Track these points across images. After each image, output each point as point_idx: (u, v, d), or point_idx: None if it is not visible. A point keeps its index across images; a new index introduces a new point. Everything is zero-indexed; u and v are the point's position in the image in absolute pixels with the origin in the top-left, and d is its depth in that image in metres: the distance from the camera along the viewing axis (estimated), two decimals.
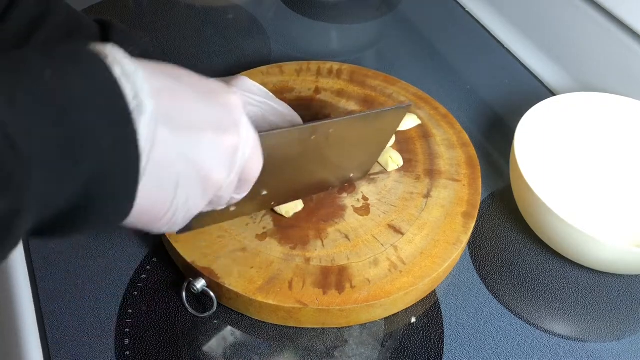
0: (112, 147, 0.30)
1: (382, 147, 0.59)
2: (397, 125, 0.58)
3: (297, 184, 0.55)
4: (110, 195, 0.32)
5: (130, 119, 0.31)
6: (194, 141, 0.36)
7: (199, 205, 0.39)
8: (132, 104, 0.31)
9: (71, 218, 0.32)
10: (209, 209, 0.44)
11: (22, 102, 0.28)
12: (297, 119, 0.56)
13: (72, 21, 0.57)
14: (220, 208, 0.44)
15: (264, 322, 0.52)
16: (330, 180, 0.58)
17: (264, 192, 0.52)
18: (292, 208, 0.56)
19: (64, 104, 0.29)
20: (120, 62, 0.32)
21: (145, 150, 0.32)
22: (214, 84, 0.39)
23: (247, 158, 0.40)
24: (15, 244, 0.29)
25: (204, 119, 0.36)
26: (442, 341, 0.51)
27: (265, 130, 0.49)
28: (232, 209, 0.50)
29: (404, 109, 0.55)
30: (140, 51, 0.58)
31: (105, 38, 0.56)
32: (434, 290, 0.55)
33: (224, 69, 0.76)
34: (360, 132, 0.55)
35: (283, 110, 0.55)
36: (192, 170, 0.36)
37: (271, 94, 0.56)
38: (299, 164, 0.53)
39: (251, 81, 0.54)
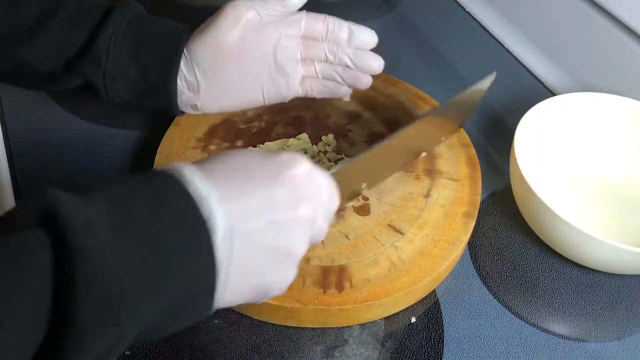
0: (195, 272, 0.35)
1: (470, 112, 0.62)
2: (482, 93, 0.60)
3: (388, 167, 0.58)
4: (192, 308, 0.36)
5: (209, 244, 0.35)
6: (269, 231, 0.38)
7: (291, 275, 0.41)
8: (208, 228, 0.35)
9: (159, 328, 0.36)
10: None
11: (124, 244, 0.33)
12: None
13: (83, 4, 0.58)
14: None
15: (264, 322, 0.52)
16: (423, 148, 0.61)
17: (364, 185, 0.56)
18: None
19: (157, 242, 0.34)
20: (195, 186, 0.36)
21: (222, 262, 0.36)
22: (279, 159, 0.41)
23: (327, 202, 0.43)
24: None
25: (275, 205, 0.39)
26: (442, 341, 0.51)
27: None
28: None
29: (483, 85, 0.58)
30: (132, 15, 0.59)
31: (109, 14, 0.58)
32: (434, 290, 0.55)
33: None
34: (438, 120, 0.57)
35: None
36: (274, 256, 0.39)
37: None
38: (382, 159, 0.55)
39: None
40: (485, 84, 0.58)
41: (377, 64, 0.61)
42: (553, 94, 0.75)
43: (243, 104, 0.62)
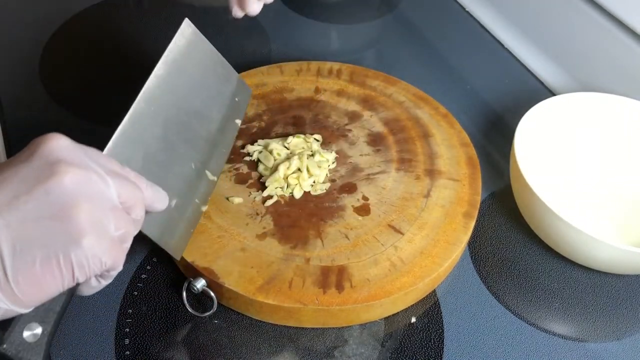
0: None
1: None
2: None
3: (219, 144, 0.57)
4: None
5: None
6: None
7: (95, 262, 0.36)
8: None
9: None
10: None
11: None
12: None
13: None
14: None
15: (264, 322, 0.52)
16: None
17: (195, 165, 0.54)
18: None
19: None
20: None
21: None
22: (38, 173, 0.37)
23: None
24: None
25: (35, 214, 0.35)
26: (442, 341, 0.51)
27: None
28: (204, 208, 0.54)
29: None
30: None
31: None
32: (434, 290, 0.55)
33: None
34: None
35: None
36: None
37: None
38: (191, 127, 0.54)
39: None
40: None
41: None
42: (553, 94, 0.75)
43: None
